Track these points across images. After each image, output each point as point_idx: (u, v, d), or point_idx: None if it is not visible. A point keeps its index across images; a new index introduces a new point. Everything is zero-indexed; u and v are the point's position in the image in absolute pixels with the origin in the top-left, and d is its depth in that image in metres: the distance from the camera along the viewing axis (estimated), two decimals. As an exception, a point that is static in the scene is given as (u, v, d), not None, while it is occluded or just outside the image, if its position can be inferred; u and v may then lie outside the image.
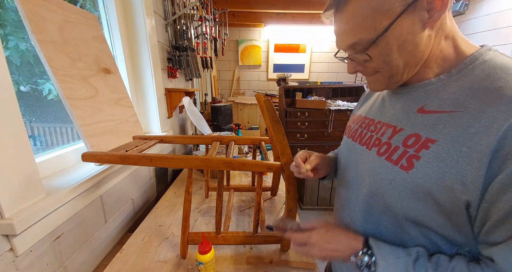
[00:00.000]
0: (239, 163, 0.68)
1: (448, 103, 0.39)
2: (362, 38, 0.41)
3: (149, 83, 1.24)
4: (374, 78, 0.47)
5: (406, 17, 0.38)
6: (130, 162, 0.66)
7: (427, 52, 0.41)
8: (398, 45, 0.40)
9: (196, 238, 0.73)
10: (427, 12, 0.38)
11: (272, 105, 0.74)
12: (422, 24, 0.38)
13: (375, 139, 0.49)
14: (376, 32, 0.39)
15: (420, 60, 0.42)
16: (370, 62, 0.43)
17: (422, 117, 0.42)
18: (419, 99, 0.44)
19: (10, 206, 0.52)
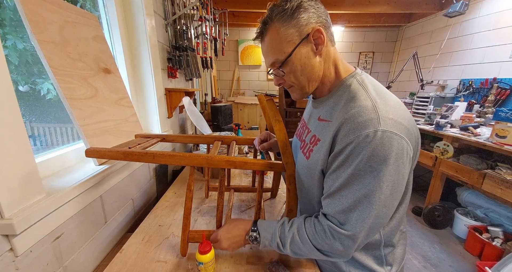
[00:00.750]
0: (241, 161, 0.68)
1: (328, 114, 0.59)
2: (277, 58, 0.58)
3: (149, 83, 1.24)
4: (291, 90, 0.64)
5: (302, 46, 0.55)
6: (133, 158, 0.66)
7: (321, 73, 0.59)
8: (300, 65, 0.57)
9: (196, 236, 0.72)
10: (315, 45, 0.56)
11: (274, 105, 0.74)
12: (313, 52, 0.56)
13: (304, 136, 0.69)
14: (285, 54, 0.56)
15: (317, 78, 0.59)
16: (285, 76, 0.60)
17: (318, 123, 0.62)
18: (319, 110, 0.64)
19: (10, 206, 0.52)
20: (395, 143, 0.47)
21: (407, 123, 0.50)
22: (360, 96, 0.53)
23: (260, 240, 0.62)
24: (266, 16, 0.57)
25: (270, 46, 0.58)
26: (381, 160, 0.47)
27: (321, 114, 0.62)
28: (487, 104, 2.27)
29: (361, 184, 0.49)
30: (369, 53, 4.13)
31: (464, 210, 2.10)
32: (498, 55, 2.36)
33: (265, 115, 0.85)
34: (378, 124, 0.47)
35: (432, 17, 3.22)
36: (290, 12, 0.53)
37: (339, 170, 0.52)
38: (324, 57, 0.58)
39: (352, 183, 0.50)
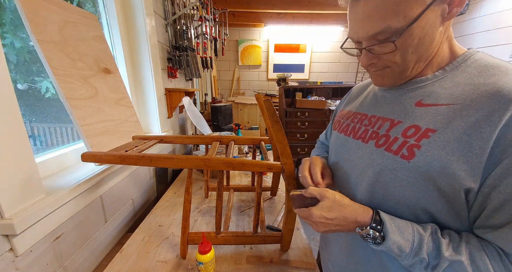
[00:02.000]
0: (239, 163, 0.68)
1: (445, 97, 0.41)
2: (390, 26, 0.38)
3: (149, 83, 1.24)
4: (382, 73, 0.46)
5: (433, 8, 0.37)
6: (130, 162, 0.66)
7: (436, 49, 0.42)
8: (419, 37, 0.39)
9: (196, 238, 0.73)
10: (448, 7, 0.38)
11: (272, 105, 0.74)
12: (442, 19, 0.39)
13: (371, 132, 0.49)
14: (407, 20, 0.37)
15: (430, 56, 0.43)
16: (390, 54, 0.42)
17: (420, 110, 0.43)
18: (415, 94, 0.45)
19: (10, 206, 0.52)
20: None
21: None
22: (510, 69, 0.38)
23: (387, 243, 0.40)
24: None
25: (382, 4, 0.38)
26: None
27: (422, 98, 0.44)
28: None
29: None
30: (369, 53, 4.12)
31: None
32: (498, 55, 2.35)
33: (263, 115, 0.85)
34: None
35: (432, 17, 3.22)
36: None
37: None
38: (446, 26, 0.41)
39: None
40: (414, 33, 0.38)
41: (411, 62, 0.42)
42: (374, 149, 0.47)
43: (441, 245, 0.38)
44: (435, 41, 0.41)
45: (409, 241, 0.40)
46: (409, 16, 0.37)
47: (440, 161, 0.38)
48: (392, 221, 0.42)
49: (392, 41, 0.39)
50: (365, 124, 0.52)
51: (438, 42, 0.41)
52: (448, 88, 0.42)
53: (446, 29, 0.42)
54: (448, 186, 0.37)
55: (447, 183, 0.37)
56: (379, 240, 0.42)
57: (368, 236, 0.43)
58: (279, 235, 0.76)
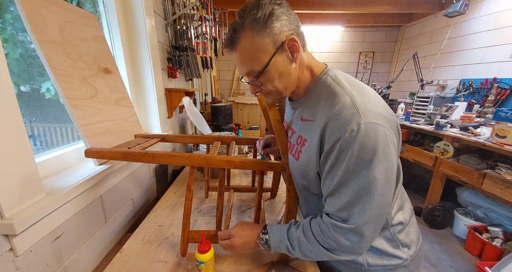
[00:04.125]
0: (241, 161, 0.68)
1: (310, 114, 0.60)
2: (253, 69, 0.56)
3: (149, 83, 1.24)
4: (267, 96, 0.64)
5: (278, 55, 0.54)
6: (133, 158, 0.66)
7: (296, 78, 0.60)
8: (278, 74, 0.56)
9: (196, 236, 0.72)
10: (290, 53, 0.55)
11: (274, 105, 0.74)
12: (289, 60, 0.56)
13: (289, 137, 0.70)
14: (262, 65, 0.55)
15: (294, 83, 0.60)
16: (262, 86, 0.59)
17: (302, 124, 0.62)
18: (301, 111, 0.64)
19: (10, 206, 0.52)
20: (379, 132, 0.49)
21: (384, 111, 0.52)
22: (338, 92, 0.54)
23: (271, 243, 0.62)
24: (235, 23, 0.54)
25: (243, 56, 0.56)
26: (370, 151, 0.48)
27: (303, 115, 0.62)
28: (487, 104, 2.27)
29: (357, 178, 0.50)
30: (369, 53, 4.12)
31: (464, 210, 2.10)
32: (498, 55, 2.36)
33: (264, 116, 0.85)
34: (360, 118, 0.49)
35: (432, 17, 3.22)
36: (263, 21, 0.51)
37: (333, 169, 0.53)
38: (299, 63, 0.58)
39: (348, 179, 0.51)
40: (272, 71, 0.56)
41: (282, 88, 0.59)
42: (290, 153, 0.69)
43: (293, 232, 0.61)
44: (292, 74, 0.58)
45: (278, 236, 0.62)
46: (263, 62, 0.55)
47: (306, 160, 0.59)
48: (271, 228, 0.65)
49: (257, 79, 0.58)
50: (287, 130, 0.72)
51: (295, 74, 0.59)
52: (311, 108, 0.60)
53: (300, 64, 0.59)
54: (311, 174, 0.59)
55: (310, 172, 0.59)
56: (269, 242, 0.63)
57: (261, 240, 0.64)
58: None
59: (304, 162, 0.59)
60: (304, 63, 0.60)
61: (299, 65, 0.59)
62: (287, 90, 0.60)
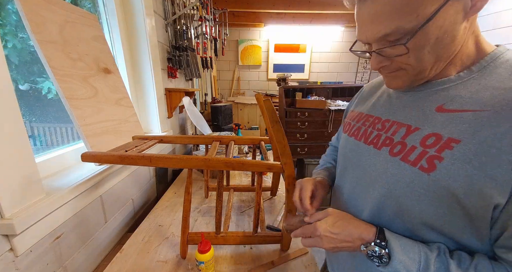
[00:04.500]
0: (239, 163, 0.68)
1: (471, 102, 0.37)
2: (401, 26, 0.35)
3: (149, 83, 1.24)
4: (396, 75, 0.42)
5: (452, 3, 0.33)
6: (130, 162, 0.66)
7: (459, 47, 0.38)
8: (437, 36, 0.35)
9: (196, 238, 0.73)
10: (470, 0, 0.34)
11: (272, 105, 0.74)
12: (464, 14, 0.34)
13: (385, 137, 0.46)
14: (419, 19, 0.34)
15: (451, 54, 0.38)
16: (403, 56, 0.38)
17: (441, 116, 0.39)
18: (437, 97, 0.41)
19: (10, 206, 0.52)
20: None
21: None
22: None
23: (393, 263, 0.39)
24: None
25: (391, 3, 0.34)
26: None
27: (445, 103, 0.39)
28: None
29: None
30: (369, 53, 4.12)
31: None
32: (498, 55, 2.36)
33: (263, 115, 0.85)
34: None
35: (432, 17, 3.22)
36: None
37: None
38: (471, 21, 0.37)
39: None
40: (430, 33, 0.35)
41: (428, 63, 0.38)
42: (389, 157, 0.43)
43: (450, 266, 0.35)
44: (457, 39, 0.36)
45: (416, 261, 0.37)
46: (423, 15, 0.33)
47: (465, 176, 0.34)
48: (397, 240, 0.39)
49: (403, 43, 0.36)
50: (378, 128, 0.48)
51: (461, 40, 0.37)
52: (475, 91, 0.37)
53: (472, 24, 0.37)
54: (474, 204, 0.34)
55: (473, 200, 0.34)
56: (386, 259, 0.39)
57: (373, 254, 0.40)
58: (279, 235, 0.76)
59: (456, 177, 0.35)
60: (474, 26, 0.38)
61: (470, 25, 0.37)
62: (434, 67, 0.39)
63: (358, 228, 0.43)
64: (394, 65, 0.41)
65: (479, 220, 0.35)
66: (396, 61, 0.40)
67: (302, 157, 2.59)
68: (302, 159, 2.61)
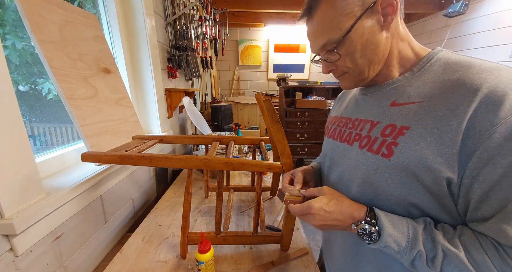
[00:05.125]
0: (239, 163, 0.68)
1: (415, 95, 0.44)
2: (331, 38, 0.46)
3: (149, 83, 1.24)
4: (344, 77, 0.52)
5: (366, 19, 0.43)
6: (130, 162, 0.66)
7: (387, 52, 0.47)
8: (361, 43, 0.45)
9: (195, 238, 0.73)
10: (382, 16, 0.43)
11: (272, 105, 0.74)
12: (380, 26, 0.44)
13: (355, 134, 0.53)
14: (342, 31, 0.44)
15: (382, 58, 0.47)
16: (340, 61, 0.48)
17: (395, 110, 0.46)
18: (390, 95, 0.49)
19: (10, 206, 0.52)
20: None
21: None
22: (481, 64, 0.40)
23: (383, 238, 0.41)
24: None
25: (321, 23, 0.46)
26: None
27: (396, 98, 0.47)
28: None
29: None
30: (369, 53, 4.13)
31: None
32: (498, 55, 2.36)
33: (263, 115, 0.85)
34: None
35: (432, 17, 3.22)
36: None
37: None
38: (393, 31, 0.45)
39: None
40: (354, 41, 0.44)
41: (364, 65, 0.47)
42: (359, 151, 0.50)
43: (436, 236, 0.39)
44: (381, 45, 0.45)
45: (405, 234, 0.40)
46: (344, 28, 0.44)
47: (417, 156, 0.40)
48: (386, 216, 0.43)
49: (335, 50, 0.46)
50: (349, 127, 0.56)
51: (386, 46, 0.46)
52: (417, 87, 0.45)
53: (394, 33, 0.46)
54: (429, 179, 0.39)
55: (427, 176, 0.39)
56: (375, 236, 0.41)
57: (364, 232, 0.43)
58: (279, 235, 0.76)
59: (410, 158, 0.40)
60: (400, 34, 0.47)
61: (392, 35, 0.45)
62: (370, 69, 0.47)
63: (350, 207, 0.46)
64: (339, 69, 0.50)
65: (440, 196, 0.40)
66: (339, 66, 0.49)
67: (302, 157, 2.60)
68: (302, 159, 2.61)
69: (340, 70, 0.50)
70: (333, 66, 0.50)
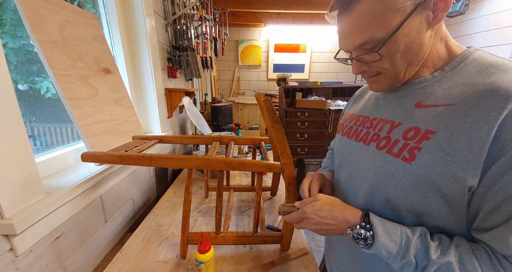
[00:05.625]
0: (239, 163, 0.68)
1: (444, 97, 0.41)
2: (373, 37, 0.40)
3: (149, 83, 1.24)
4: (376, 78, 0.47)
5: (415, 16, 0.39)
6: (130, 162, 0.66)
7: (428, 52, 0.43)
8: (405, 44, 0.40)
9: (195, 238, 0.73)
10: (432, 13, 0.39)
11: (272, 105, 0.74)
12: (427, 24, 0.40)
13: (373, 134, 0.50)
14: (388, 30, 0.39)
15: (421, 59, 0.43)
16: (378, 62, 0.43)
17: (419, 111, 0.43)
18: (415, 95, 0.46)
19: (10, 206, 0.52)
20: None
21: None
22: None
23: (376, 246, 0.41)
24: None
25: (363, 18, 0.40)
26: None
27: (422, 99, 0.44)
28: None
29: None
30: (369, 53, 4.12)
31: None
32: (498, 55, 2.36)
33: (263, 115, 0.85)
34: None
35: (432, 17, 3.22)
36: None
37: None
38: (436, 29, 0.42)
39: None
40: (398, 41, 0.40)
41: (402, 67, 0.43)
42: (376, 151, 0.47)
43: (430, 248, 0.38)
44: (424, 45, 0.42)
45: (397, 244, 0.40)
46: (390, 26, 0.39)
47: (441, 163, 0.37)
48: (381, 223, 0.42)
49: (376, 51, 0.41)
50: (367, 126, 0.53)
51: (428, 46, 0.42)
52: (447, 88, 0.42)
53: (437, 32, 0.43)
54: (451, 189, 0.37)
55: (450, 185, 0.37)
56: (370, 241, 0.41)
57: (359, 236, 0.43)
58: (279, 235, 0.76)
59: (433, 164, 0.38)
60: (441, 32, 0.43)
61: (435, 33, 0.42)
62: (407, 71, 0.44)
63: (343, 212, 0.46)
64: (373, 70, 0.46)
65: (457, 206, 0.38)
66: (374, 66, 0.45)
67: (302, 157, 2.59)
68: (302, 159, 2.61)
69: (374, 71, 0.46)
70: (366, 67, 0.46)
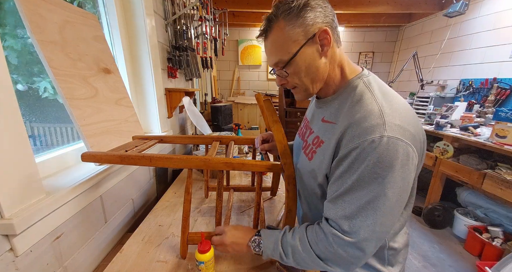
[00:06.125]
0: (239, 163, 0.68)
1: (332, 116, 0.58)
2: (281, 58, 0.56)
3: (149, 83, 1.24)
4: (295, 90, 0.63)
5: (308, 47, 0.53)
6: (130, 162, 0.66)
7: (326, 74, 0.58)
8: (305, 66, 0.55)
9: (195, 238, 0.73)
10: (321, 46, 0.54)
11: (271, 105, 0.74)
12: (319, 54, 0.55)
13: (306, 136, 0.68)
14: (290, 55, 0.54)
15: (322, 79, 0.58)
16: (289, 77, 0.59)
17: (322, 125, 0.60)
18: (323, 111, 0.62)
19: (10, 206, 0.52)
20: (400, 149, 0.46)
21: (413, 129, 0.49)
22: (366, 99, 0.51)
23: (263, 247, 0.61)
24: (271, 13, 0.55)
25: (274, 45, 0.56)
26: (387, 166, 0.46)
27: (325, 116, 0.60)
28: (487, 104, 2.27)
29: (366, 190, 0.48)
30: (369, 53, 4.12)
31: (464, 210, 2.10)
32: (498, 55, 2.36)
33: (263, 115, 0.85)
34: (384, 130, 0.46)
35: (432, 17, 3.22)
36: (297, 11, 0.51)
37: (344, 176, 0.50)
38: (330, 58, 0.56)
39: (356, 189, 0.49)
40: (299, 63, 0.55)
41: (308, 83, 0.58)
42: (301, 150, 0.68)
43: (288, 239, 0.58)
44: (320, 68, 0.56)
45: (272, 242, 0.60)
46: (291, 52, 0.54)
47: (319, 161, 0.57)
48: (265, 232, 0.63)
49: (283, 69, 0.57)
50: (306, 129, 0.70)
51: (325, 69, 0.57)
52: (335, 110, 0.58)
53: (332, 59, 0.56)
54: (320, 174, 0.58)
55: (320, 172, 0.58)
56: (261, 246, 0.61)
57: (254, 242, 0.62)
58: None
59: (317, 163, 0.58)
60: (336, 60, 0.57)
61: (330, 60, 0.56)
62: (313, 86, 0.59)
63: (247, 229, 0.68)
64: (290, 84, 0.61)
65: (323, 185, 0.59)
66: (290, 81, 0.60)
67: (302, 157, 2.60)
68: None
69: (291, 85, 0.61)
70: (284, 81, 0.61)
